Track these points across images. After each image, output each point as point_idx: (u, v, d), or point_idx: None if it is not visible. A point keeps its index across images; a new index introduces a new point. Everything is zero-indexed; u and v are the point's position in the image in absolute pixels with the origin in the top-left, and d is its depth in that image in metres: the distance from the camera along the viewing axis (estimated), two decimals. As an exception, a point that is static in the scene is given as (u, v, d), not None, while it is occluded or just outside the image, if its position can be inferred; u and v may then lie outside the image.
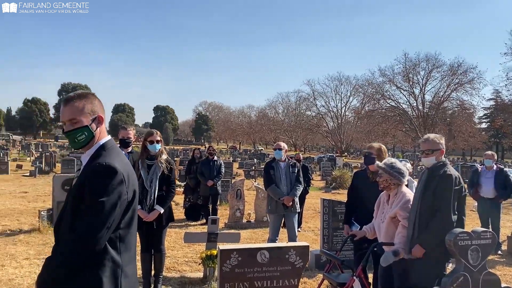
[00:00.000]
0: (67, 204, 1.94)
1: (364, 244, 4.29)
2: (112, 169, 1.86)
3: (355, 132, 66.12)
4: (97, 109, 2.03)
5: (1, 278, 5.18)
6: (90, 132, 1.99)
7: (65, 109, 1.98)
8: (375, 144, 4.79)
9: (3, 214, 9.46)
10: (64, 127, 2.00)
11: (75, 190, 1.89)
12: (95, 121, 2.01)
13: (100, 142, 2.02)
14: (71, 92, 2.04)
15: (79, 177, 1.93)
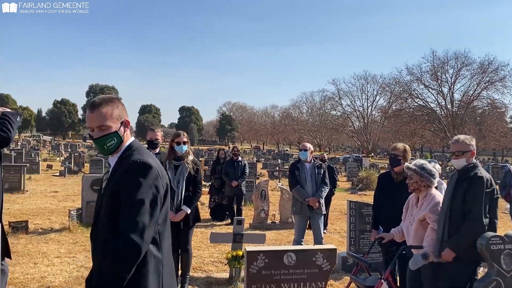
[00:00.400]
0: (101, 208, 1.93)
1: (392, 247, 4.23)
2: (147, 165, 1.86)
3: (382, 132, 65.17)
4: (123, 113, 2.02)
5: (34, 275, 5.34)
6: (119, 137, 1.98)
7: (92, 116, 1.95)
8: (399, 145, 4.71)
9: (35, 213, 9.74)
10: (92, 133, 1.96)
11: (110, 192, 1.88)
12: (122, 125, 2.00)
13: (127, 144, 2.02)
14: (96, 97, 1.99)
15: (111, 179, 1.93)
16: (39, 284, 5.03)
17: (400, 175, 4.55)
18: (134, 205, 1.79)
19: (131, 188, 1.81)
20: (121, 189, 1.82)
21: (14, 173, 13.81)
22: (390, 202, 4.57)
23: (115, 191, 1.85)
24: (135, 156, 1.90)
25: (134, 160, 1.87)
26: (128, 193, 1.80)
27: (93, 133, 1.95)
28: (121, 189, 1.82)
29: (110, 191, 1.88)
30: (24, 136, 70.55)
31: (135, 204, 1.79)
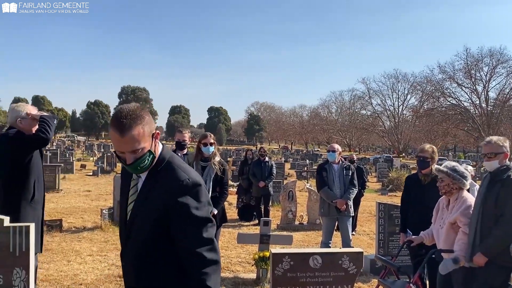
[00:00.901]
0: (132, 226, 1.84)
1: (422, 251, 4.15)
2: (198, 184, 1.78)
3: (414, 131, 63.77)
4: (152, 126, 1.80)
5: (67, 273, 5.51)
6: (153, 155, 1.80)
7: (123, 140, 1.71)
8: (426, 146, 4.62)
9: (69, 212, 10.04)
10: (122, 156, 1.77)
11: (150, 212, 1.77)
12: (153, 140, 1.81)
13: (157, 155, 1.84)
14: (120, 114, 1.71)
15: (146, 196, 1.81)
16: (71, 281, 5.19)
17: (428, 176, 4.47)
18: (199, 224, 1.74)
19: (189, 210, 1.73)
20: (173, 213, 1.73)
21: (49, 172, 14.26)
22: (417, 204, 4.50)
23: (161, 213, 1.75)
24: (180, 174, 1.78)
25: (183, 180, 1.75)
26: (188, 216, 1.73)
27: (123, 155, 1.76)
28: (173, 213, 1.73)
29: (154, 212, 1.77)
30: (59, 137, 72.84)
31: (200, 223, 1.74)
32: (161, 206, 1.75)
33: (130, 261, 1.87)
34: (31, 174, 3.61)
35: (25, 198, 3.56)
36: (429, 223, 4.07)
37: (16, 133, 3.58)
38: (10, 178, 3.56)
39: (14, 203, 3.51)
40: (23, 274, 2.77)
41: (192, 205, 1.73)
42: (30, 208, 3.59)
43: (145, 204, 1.80)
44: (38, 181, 3.69)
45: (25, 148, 3.57)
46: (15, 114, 3.67)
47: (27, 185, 3.58)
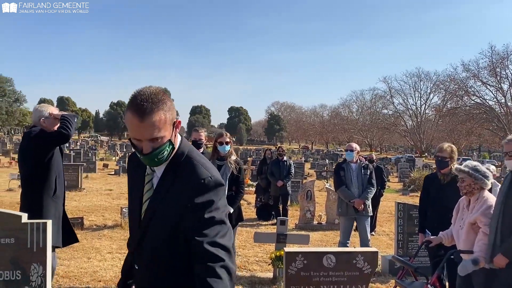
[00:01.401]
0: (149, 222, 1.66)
1: (441, 251, 4.06)
2: (220, 183, 1.62)
3: (436, 131, 62.63)
4: (174, 114, 1.61)
5: (87, 269, 5.61)
6: (172, 146, 1.62)
7: (142, 126, 1.53)
8: (445, 146, 4.52)
9: (90, 210, 10.22)
10: (138, 144, 1.58)
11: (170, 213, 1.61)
12: (174, 128, 1.63)
13: (176, 147, 1.66)
14: (141, 96, 1.54)
15: (160, 193, 1.64)
16: (91, 278, 5.28)
17: (447, 176, 4.38)
18: (217, 229, 1.56)
19: (208, 212, 1.56)
20: (192, 213, 1.56)
21: (72, 171, 14.55)
22: (436, 204, 4.41)
23: (180, 213, 1.59)
24: (201, 171, 1.60)
25: (204, 179, 1.58)
26: (207, 218, 1.56)
27: (140, 144, 1.57)
28: (192, 213, 1.56)
29: (171, 211, 1.61)
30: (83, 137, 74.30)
31: (218, 227, 1.57)
32: (181, 205, 1.58)
33: (144, 263, 1.71)
34: (53, 170, 3.77)
35: (48, 193, 3.71)
36: (448, 223, 3.98)
37: (39, 131, 3.73)
38: (32, 174, 3.72)
39: (37, 198, 3.66)
40: (41, 269, 2.83)
41: (212, 207, 1.57)
42: (52, 203, 3.75)
43: (163, 203, 1.62)
44: (59, 177, 3.86)
45: (47, 145, 3.72)
46: (38, 114, 3.83)
47: (49, 181, 3.73)
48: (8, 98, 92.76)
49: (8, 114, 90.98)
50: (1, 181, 13.51)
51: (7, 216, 2.85)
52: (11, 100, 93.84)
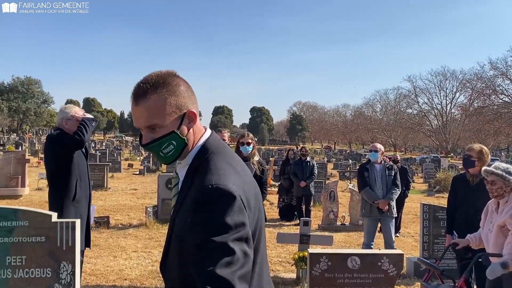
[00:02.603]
0: (170, 240, 1.38)
1: (468, 254, 3.98)
2: (223, 192, 1.21)
3: (463, 131, 61.23)
4: (184, 101, 1.35)
5: (113, 268, 5.72)
6: (181, 140, 1.35)
7: (137, 110, 1.33)
8: (475, 145, 4.42)
9: (116, 210, 10.41)
10: (142, 134, 1.37)
11: (179, 225, 1.30)
12: (184, 120, 1.36)
13: (199, 145, 1.39)
14: (143, 78, 1.35)
15: (180, 199, 1.35)
16: (117, 276, 5.38)
17: (477, 177, 4.28)
18: (215, 254, 1.16)
19: (200, 228, 1.19)
20: (188, 231, 1.23)
21: (98, 171, 14.84)
22: (465, 206, 4.32)
23: (183, 224, 1.27)
24: (207, 176, 1.26)
25: (206, 186, 1.23)
26: (197, 239, 1.19)
27: (142, 133, 1.37)
28: (188, 231, 1.23)
29: (181, 225, 1.30)
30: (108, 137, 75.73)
31: (216, 253, 1.16)
32: (185, 220, 1.25)
33: (165, 279, 1.43)
34: (73, 175, 3.77)
35: (68, 196, 3.73)
36: (477, 226, 3.89)
37: (57, 135, 3.77)
38: (53, 178, 3.76)
39: (58, 201, 3.71)
40: (70, 267, 2.90)
41: (211, 225, 1.18)
42: (73, 207, 3.76)
43: (179, 213, 1.32)
44: (80, 180, 3.85)
45: (64, 150, 3.73)
46: (61, 116, 3.87)
47: (69, 185, 3.74)
48: (36, 100, 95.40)
49: (37, 115, 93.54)
50: (31, 180, 13.88)
51: (38, 215, 2.93)
52: (39, 102, 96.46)
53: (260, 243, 1.38)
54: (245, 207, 1.24)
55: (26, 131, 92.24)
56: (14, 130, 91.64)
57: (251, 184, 1.39)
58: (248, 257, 1.20)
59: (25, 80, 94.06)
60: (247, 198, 1.28)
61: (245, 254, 1.19)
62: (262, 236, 1.40)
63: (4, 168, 11.65)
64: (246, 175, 1.39)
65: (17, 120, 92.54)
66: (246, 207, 1.25)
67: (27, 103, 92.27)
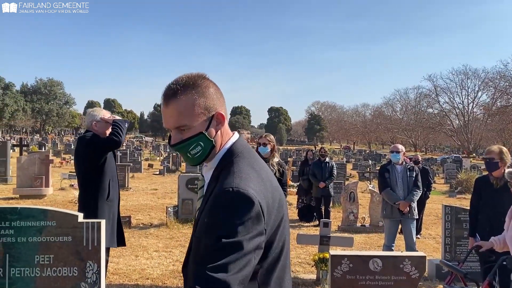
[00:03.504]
0: (192, 242, 1.39)
1: (492, 257, 3.91)
2: (242, 197, 1.21)
3: (485, 130, 60.07)
4: (213, 103, 1.37)
5: (135, 267, 5.81)
6: (209, 141, 1.36)
7: (167, 111, 1.35)
8: (494, 147, 4.35)
9: (137, 209, 10.56)
10: (171, 134, 1.40)
11: (199, 225, 1.32)
12: (212, 122, 1.37)
13: (226, 148, 1.40)
14: (173, 80, 1.37)
15: (204, 202, 1.37)
16: (139, 276, 5.47)
17: (501, 180, 4.21)
18: (222, 257, 1.16)
19: (212, 230, 1.21)
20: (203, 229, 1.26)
21: (120, 171, 15.03)
22: (488, 208, 4.26)
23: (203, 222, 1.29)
24: (229, 179, 1.27)
25: (225, 189, 1.23)
26: (210, 235, 1.21)
27: (171, 133, 1.39)
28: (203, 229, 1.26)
29: (201, 221, 1.32)
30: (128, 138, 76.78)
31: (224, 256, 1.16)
32: (204, 219, 1.28)
33: (186, 279, 1.43)
34: (106, 174, 3.91)
35: (102, 196, 3.86)
36: (501, 228, 3.83)
37: (92, 136, 3.87)
38: (87, 178, 3.87)
39: (92, 201, 3.82)
40: (95, 267, 2.97)
41: (221, 226, 1.18)
42: (106, 206, 3.89)
43: (202, 217, 1.33)
44: (112, 180, 4.00)
45: (99, 151, 3.85)
46: (91, 118, 3.99)
47: (103, 184, 3.87)
48: (58, 101, 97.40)
49: (59, 116, 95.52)
50: (54, 180, 14.19)
51: (65, 215, 3.02)
52: (62, 103, 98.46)
53: (283, 251, 1.37)
54: (263, 214, 1.23)
55: (49, 131, 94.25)
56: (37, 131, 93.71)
57: (275, 191, 1.37)
58: (251, 265, 1.20)
59: (48, 81, 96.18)
60: (268, 205, 1.27)
61: (249, 262, 1.19)
62: (286, 246, 1.38)
63: (29, 168, 11.94)
64: (270, 181, 1.37)
65: (40, 121, 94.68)
66: (265, 214, 1.24)
67: (50, 104, 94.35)
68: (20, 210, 3.01)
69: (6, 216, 2.98)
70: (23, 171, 11.88)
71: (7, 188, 13.02)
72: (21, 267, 2.97)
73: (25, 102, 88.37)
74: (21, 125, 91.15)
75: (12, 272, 2.96)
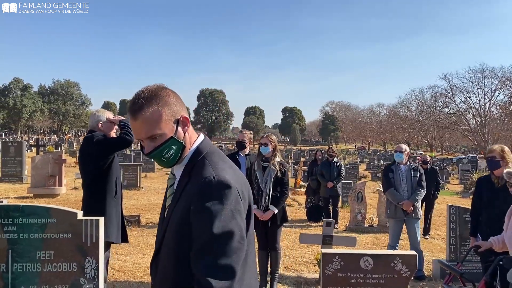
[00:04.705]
0: (165, 234, 1.51)
1: (491, 257, 3.91)
2: (223, 184, 1.38)
3: (503, 130, 59.01)
4: (176, 108, 1.51)
5: (141, 265, 5.92)
6: (179, 143, 1.49)
7: (136, 124, 1.46)
8: (495, 146, 4.34)
9: (147, 208, 10.72)
10: (143, 144, 1.51)
11: (178, 217, 1.44)
12: (179, 125, 1.51)
13: (194, 146, 1.55)
14: (135, 94, 1.49)
15: (177, 197, 1.50)
16: (144, 273, 5.57)
17: (502, 179, 4.19)
18: (216, 242, 1.32)
19: (205, 218, 1.34)
20: (192, 219, 1.38)
21: (132, 171, 15.31)
22: (489, 208, 4.25)
23: (184, 217, 1.41)
24: (207, 170, 1.43)
25: (207, 178, 1.39)
26: (202, 227, 1.34)
27: (143, 144, 1.50)
28: (192, 219, 1.38)
29: (178, 215, 1.45)
30: (143, 138, 77.34)
31: (218, 241, 1.32)
32: (185, 212, 1.41)
33: (156, 275, 1.55)
34: (114, 173, 4.03)
35: (110, 194, 3.98)
36: (501, 228, 3.83)
37: (101, 137, 3.98)
38: (96, 176, 3.98)
39: (100, 200, 3.93)
40: (94, 263, 3.07)
41: (212, 213, 1.33)
42: (114, 203, 4.02)
43: (175, 210, 1.48)
44: (118, 178, 4.13)
45: (111, 150, 3.97)
46: (96, 119, 4.10)
47: (110, 183, 3.99)
48: (75, 102, 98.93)
49: (75, 117, 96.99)
50: (68, 180, 14.47)
51: (65, 213, 3.12)
52: (78, 104, 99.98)
53: (249, 229, 1.52)
54: (240, 197, 1.43)
55: (66, 132, 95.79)
56: (55, 131, 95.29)
57: (243, 178, 1.56)
58: (244, 242, 1.39)
59: (65, 83, 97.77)
60: (241, 188, 1.46)
61: (243, 239, 1.38)
62: (251, 223, 1.55)
63: (43, 168, 12.20)
64: (239, 173, 1.57)
65: (57, 121, 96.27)
66: (242, 198, 1.44)
67: (67, 105, 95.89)
68: (23, 208, 3.13)
69: (10, 214, 3.10)
70: (37, 170, 12.15)
71: (22, 188, 13.31)
72: (23, 262, 3.08)
73: (42, 103, 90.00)
74: (39, 126, 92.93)
75: (15, 267, 3.08)
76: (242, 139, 5.34)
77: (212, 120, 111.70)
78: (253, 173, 4.96)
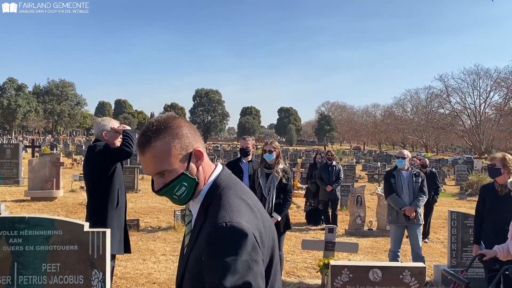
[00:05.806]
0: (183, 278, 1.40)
1: (496, 265, 3.91)
2: (237, 231, 1.24)
3: (497, 131, 59.32)
4: (188, 141, 1.38)
5: (142, 271, 5.89)
6: (192, 180, 1.37)
7: (144, 159, 1.35)
8: (497, 154, 4.37)
9: (146, 212, 10.67)
10: (153, 180, 1.39)
11: (194, 261, 1.33)
12: (191, 159, 1.38)
13: (210, 181, 1.42)
14: (144, 127, 1.38)
15: (194, 236, 1.38)
16: (146, 280, 5.55)
17: (505, 187, 4.20)
18: None
19: (215, 273, 1.21)
20: (204, 273, 1.26)
21: (129, 173, 15.20)
22: (493, 215, 4.26)
23: (198, 267, 1.29)
24: (220, 214, 1.28)
25: (218, 224, 1.25)
26: (213, 282, 1.21)
27: (154, 178, 1.39)
28: (204, 273, 1.26)
29: (193, 264, 1.34)
30: (138, 138, 77.22)
31: None
32: (198, 263, 1.29)
33: None
34: (116, 183, 3.98)
35: (111, 205, 3.93)
36: (505, 236, 3.83)
37: (103, 147, 3.94)
38: (97, 187, 3.94)
39: (101, 210, 3.89)
40: (101, 275, 3.04)
41: (221, 266, 1.20)
42: (115, 214, 3.96)
43: (193, 250, 1.35)
44: (121, 188, 4.07)
45: (111, 161, 3.92)
46: (101, 128, 4.05)
47: (112, 193, 3.94)
48: (70, 102, 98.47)
49: (70, 117, 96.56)
50: (65, 182, 14.38)
51: (71, 224, 3.09)
52: (73, 104, 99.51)
53: (277, 276, 1.40)
54: (258, 244, 1.27)
55: (61, 132, 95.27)
56: (49, 132, 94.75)
57: (264, 218, 1.40)
58: None
59: (60, 83, 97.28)
60: (260, 234, 1.30)
61: None
62: (278, 270, 1.42)
63: (40, 171, 12.12)
64: (258, 209, 1.40)
65: (52, 121, 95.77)
66: (260, 244, 1.28)
67: (62, 105, 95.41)
68: (28, 220, 3.09)
69: (15, 225, 3.07)
70: (34, 173, 12.07)
71: (19, 190, 13.22)
72: (29, 275, 3.05)
73: (37, 103, 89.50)
74: (33, 126, 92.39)
75: (20, 280, 3.04)
76: (245, 146, 5.32)
77: (208, 120, 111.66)
78: (256, 180, 4.94)
